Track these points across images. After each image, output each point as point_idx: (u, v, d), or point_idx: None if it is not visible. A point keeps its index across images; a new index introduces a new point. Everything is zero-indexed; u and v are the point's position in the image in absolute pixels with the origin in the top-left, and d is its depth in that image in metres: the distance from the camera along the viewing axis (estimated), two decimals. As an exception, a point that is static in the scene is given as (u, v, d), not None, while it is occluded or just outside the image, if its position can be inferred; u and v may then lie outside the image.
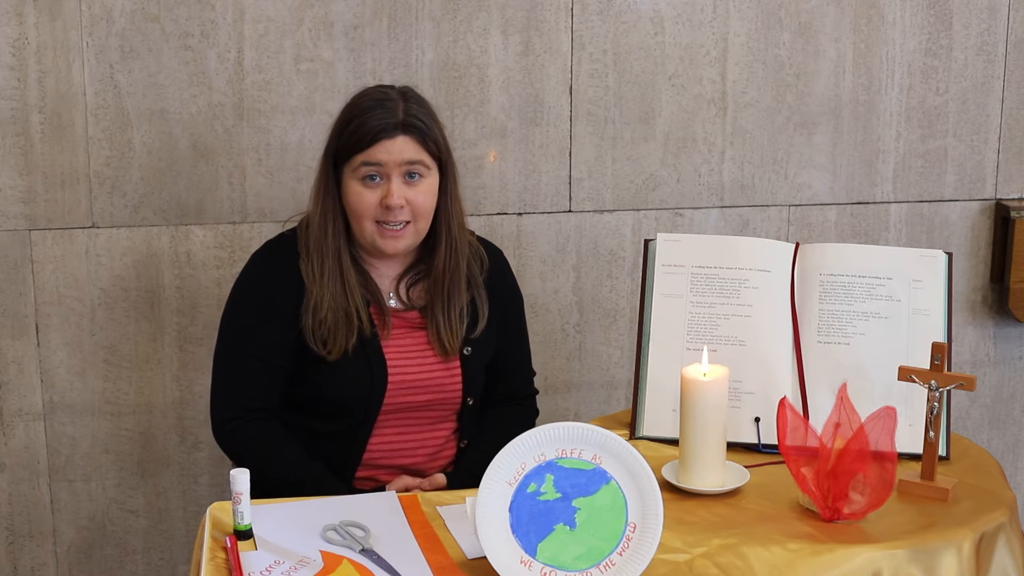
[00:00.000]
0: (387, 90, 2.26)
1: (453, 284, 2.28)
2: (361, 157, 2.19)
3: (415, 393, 2.28)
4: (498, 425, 2.37)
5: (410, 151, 2.20)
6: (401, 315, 2.30)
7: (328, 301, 2.21)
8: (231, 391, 2.29)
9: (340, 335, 2.22)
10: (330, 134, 2.27)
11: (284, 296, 2.24)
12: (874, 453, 1.92)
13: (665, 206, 2.99)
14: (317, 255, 2.24)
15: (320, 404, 2.28)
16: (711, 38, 2.93)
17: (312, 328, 2.22)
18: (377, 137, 2.18)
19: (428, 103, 2.27)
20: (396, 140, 2.19)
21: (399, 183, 2.20)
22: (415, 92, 2.28)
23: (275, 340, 2.25)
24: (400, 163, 2.19)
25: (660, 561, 1.80)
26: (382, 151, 2.18)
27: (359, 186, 2.21)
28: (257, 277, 2.30)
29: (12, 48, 2.64)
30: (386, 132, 2.18)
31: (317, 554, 1.83)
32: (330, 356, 2.22)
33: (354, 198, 2.22)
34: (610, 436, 1.79)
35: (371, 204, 2.20)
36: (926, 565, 1.85)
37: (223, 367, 2.30)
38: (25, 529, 2.86)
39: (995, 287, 3.18)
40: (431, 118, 2.24)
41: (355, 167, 2.21)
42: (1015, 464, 3.29)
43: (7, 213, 2.71)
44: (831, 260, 2.30)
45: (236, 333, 2.29)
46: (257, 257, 2.33)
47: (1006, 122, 3.10)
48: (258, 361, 2.25)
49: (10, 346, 2.77)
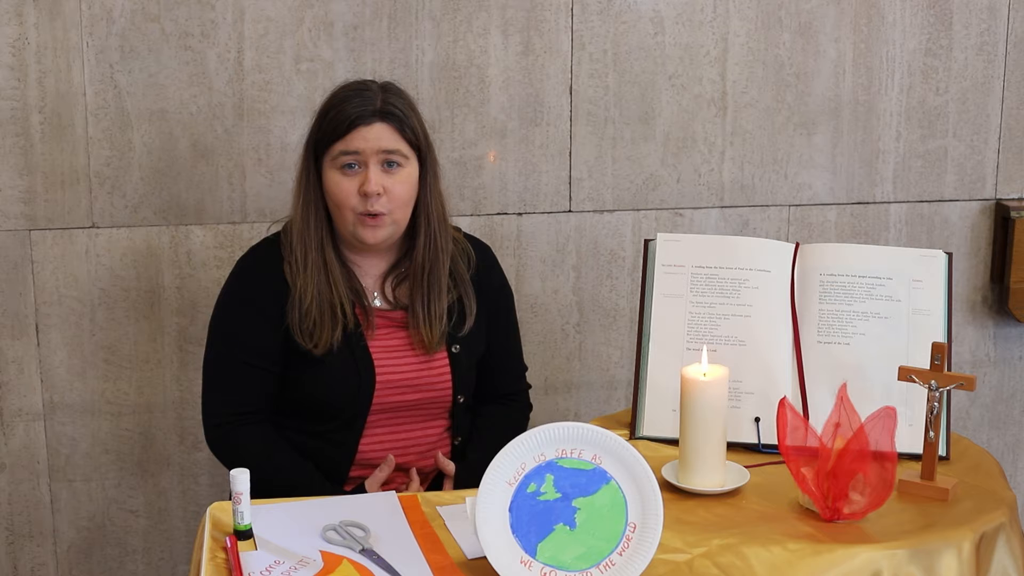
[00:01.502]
0: (367, 82, 2.28)
1: (433, 279, 2.28)
2: (339, 146, 2.20)
3: (404, 392, 2.28)
4: (492, 423, 2.37)
5: (387, 139, 2.20)
6: (386, 315, 2.30)
7: (312, 292, 2.22)
8: (220, 396, 2.29)
9: (326, 327, 2.22)
10: (311, 126, 2.29)
11: (269, 300, 2.25)
12: (874, 453, 1.92)
13: (665, 206, 2.99)
14: (300, 247, 2.24)
15: (310, 405, 2.28)
16: (711, 38, 2.93)
17: (297, 322, 2.23)
18: (354, 124, 2.19)
19: (409, 96, 2.29)
20: (373, 127, 2.20)
21: (376, 170, 2.20)
22: (396, 86, 2.29)
23: (262, 344, 2.25)
24: (377, 151, 2.20)
25: (660, 561, 1.80)
26: (359, 138, 2.19)
27: (338, 175, 2.22)
28: (242, 282, 2.30)
29: (12, 48, 2.64)
30: (363, 119, 2.19)
31: (317, 554, 1.83)
32: (316, 350, 2.22)
33: (333, 187, 2.22)
34: (610, 436, 1.79)
35: (350, 192, 2.21)
36: (926, 565, 1.85)
37: (211, 373, 2.31)
38: (25, 529, 2.86)
39: (995, 287, 3.18)
40: (410, 108, 2.26)
41: (334, 156, 2.22)
42: (1015, 464, 3.30)
43: (7, 213, 2.71)
44: (831, 260, 2.30)
45: (223, 338, 2.29)
46: (242, 262, 2.34)
47: (1006, 122, 3.10)
48: (246, 366, 2.26)
49: (10, 346, 2.77)
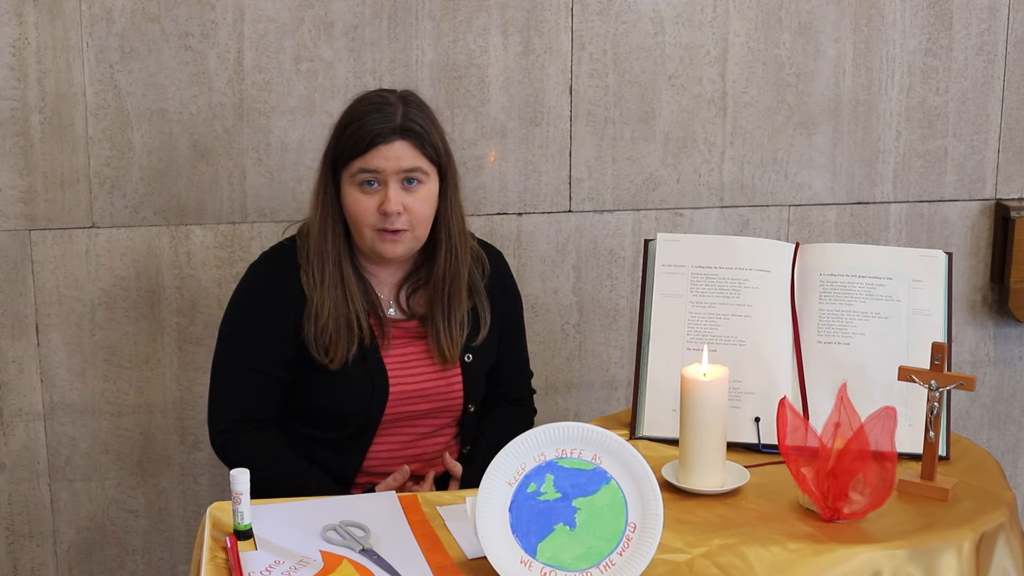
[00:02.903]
0: (387, 94, 2.23)
1: (453, 291, 2.27)
2: (359, 163, 2.17)
3: (416, 402, 2.28)
4: (499, 426, 2.37)
5: (408, 157, 2.17)
6: (401, 325, 2.29)
7: (329, 308, 2.20)
8: (228, 402, 2.28)
9: (342, 343, 2.20)
10: (329, 138, 2.26)
11: (284, 309, 2.23)
12: (874, 453, 1.92)
13: (665, 206, 2.99)
14: (318, 261, 2.22)
15: (321, 414, 2.27)
16: (711, 38, 2.93)
17: (314, 336, 2.21)
18: (374, 142, 2.16)
19: (429, 108, 2.25)
20: (393, 146, 2.16)
21: (396, 189, 2.17)
22: (416, 97, 2.25)
23: (274, 353, 2.24)
24: (398, 170, 2.17)
25: (660, 561, 1.80)
26: (379, 157, 2.16)
27: (357, 192, 2.19)
28: (256, 289, 2.28)
29: (12, 48, 2.64)
30: (383, 137, 2.15)
31: (317, 554, 1.83)
32: (332, 365, 2.21)
33: (352, 204, 2.20)
34: (610, 436, 1.79)
35: (369, 210, 2.18)
36: (926, 565, 1.85)
37: (221, 378, 2.29)
38: (25, 529, 2.86)
39: (995, 287, 3.18)
40: (431, 123, 2.21)
41: (353, 172, 2.19)
42: (1015, 464, 3.30)
43: (7, 213, 2.71)
44: (831, 260, 2.30)
45: (234, 345, 2.27)
46: (256, 268, 2.31)
47: (1006, 122, 3.10)
48: (256, 373, 2.24)
49: (10, 346, 2.77)
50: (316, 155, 2.78)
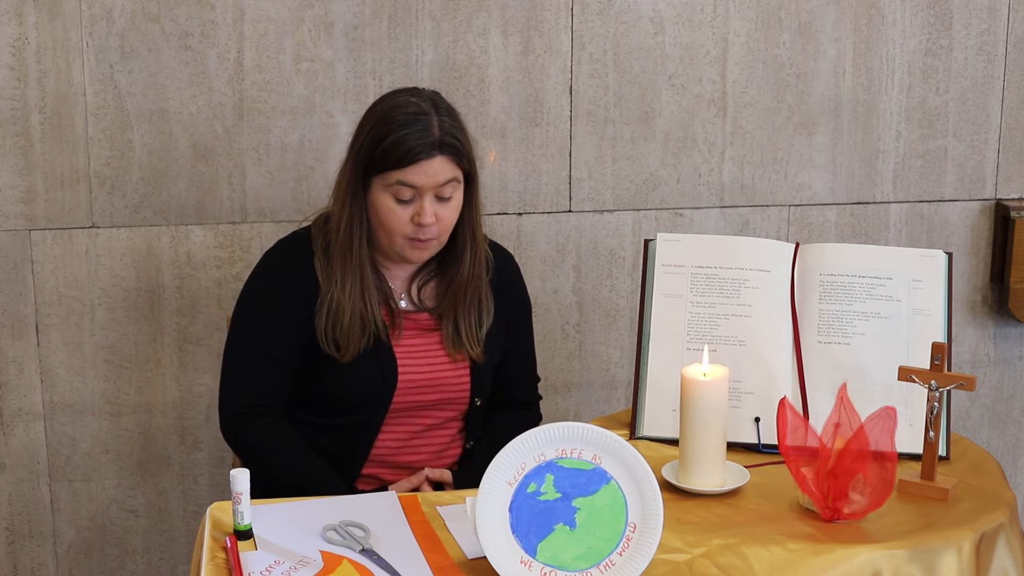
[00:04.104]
0: (419, 100, 2.20)
1: (475, 292, 2.29)
2: (397, 175, 2.16)
3: (424, 392, 2.29)
4: (503, 429, 2.37)
5: (445, 172, 2.17)
6: (412, 316, 2.30)
7: (349, 309, 2.21)
8: (240, 386, 2.29)
9: (355, 338, 2.22)
10: (358, 141, 2.22)
11: (298, 295, 2.24)
12: (874, 453, 1.92)
13: (665, 206, 2.99)
14: (340, 259, 2.22)
15: (329, 402, 2.28)
16: (711, 38, 2.93)
17: (325, 330, 2.22)
18: (416, 159, 2.14)
19: (456, 111, 2.24)
20: (433, 161, 2.15)
21: (431, 200, 2.17)
22: (444, 100, 2.24)
23: (287, 337, 2.25)
24: (435, 185, 2.17)
25: (660, 561, 1.80)
26: (419, 173, 2.15)
27: (391, 202, 2.18)
28: (271, 275, 2.29)
29: (12, 48, 2.64)
30: (425, 153, 2.15)
31: (317, 554, 1.83)
32: (344, 359, 2.23)
33: (386, 213, 2.19)
34: (610, 436, 1.79)
35: (403, 221, 2.18)
36: (926, 565, 1.85)
37: (232, 362, 2.30)
38: (25, 529, 2.86)
39: (995, 287, 3.18)
40: (462, 131, 2.21)
41: (389, 183, 2.17)
42: (1015, 464, 3.29)
43: (7, 213, 2.71)
44: (831, 260, 2.30)
45: (247, 328, 2.28)
46: (271, 254, 2.32)
47: (1006, 122, 3.10)
48: (268, 357, 2.25)
49: (10, 346, 2.77)
50: (316, 155, 2.79)
